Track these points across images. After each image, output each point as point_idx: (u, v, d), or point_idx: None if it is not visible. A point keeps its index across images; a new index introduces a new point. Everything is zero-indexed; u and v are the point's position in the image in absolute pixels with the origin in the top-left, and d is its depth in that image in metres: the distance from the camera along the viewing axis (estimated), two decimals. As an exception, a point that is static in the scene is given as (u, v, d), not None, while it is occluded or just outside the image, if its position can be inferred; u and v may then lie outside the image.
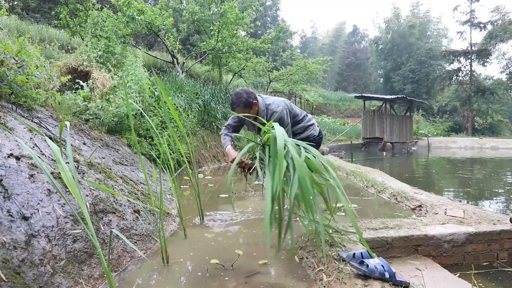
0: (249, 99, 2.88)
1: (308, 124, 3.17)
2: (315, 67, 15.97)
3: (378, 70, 39.74)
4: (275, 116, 2.86)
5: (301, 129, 3.13)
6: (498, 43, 27.81)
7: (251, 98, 2.90)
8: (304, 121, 3.15)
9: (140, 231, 2.64)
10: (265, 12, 34.74)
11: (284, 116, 2.92)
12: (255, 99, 2.93)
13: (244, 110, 2.90)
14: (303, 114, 3.22)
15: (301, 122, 3.14)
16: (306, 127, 3.15)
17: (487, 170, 9.65)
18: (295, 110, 3.13)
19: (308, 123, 3.17)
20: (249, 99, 2.88)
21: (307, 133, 3.13)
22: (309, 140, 2.97)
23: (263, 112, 2.95)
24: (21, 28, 11.30)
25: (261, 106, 2.96)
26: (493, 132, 28.99)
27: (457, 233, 2.55)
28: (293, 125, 3.08)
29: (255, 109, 2.95)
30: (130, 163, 4.31)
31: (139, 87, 5.73)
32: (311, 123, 3.19)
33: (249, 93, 2.91)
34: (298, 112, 3.14)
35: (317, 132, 3.22)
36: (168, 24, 10.20)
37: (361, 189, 5.22)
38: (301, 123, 3.13)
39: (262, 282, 2.04)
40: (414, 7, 37.07)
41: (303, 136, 3.08)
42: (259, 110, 2.97)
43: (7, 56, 3.34)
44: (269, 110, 2.94)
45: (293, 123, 3.08)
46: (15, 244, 1.63)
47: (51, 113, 4.02)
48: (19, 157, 2.17)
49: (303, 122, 3.15)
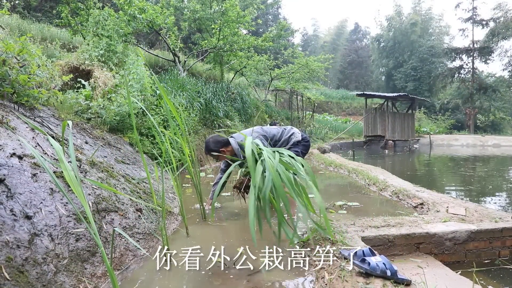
0: (214, 148, 3.27)
1: (288, 135, 3.49)
2: (316, 65, 15.94)
3: (380, 68, 39.63)
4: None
5: (285, 143, 3.46)
6: (500, 40, 27.69)
7: (217, 146, 3.28)
8: (284, 136, 3.48)
9: (143, 230, 2.65)
10: (267, 10, 34.68)
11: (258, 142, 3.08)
12: (223, 146, 3.30)
13: (216, 158, 3.35)
14: (281, 130, 3.54)
15: (281, 138, 3.47)
16: (288, 138, 3.48)
17: (489, 167, 9.63)
18: (271, 132, 3.46)
19: (287, 135, 3.49)
20: (215, 148, 3.27)
21: (290, 143, 3.46)
22: (294, 145, 3.41)
23: (237, 150, 3.29)
24: (23, 27, 11.30)
25: (234, 146, 3.31)
26: (495, 130, 28.91)
27: (458, 231, 2.55)
28: (275, 144, 3.40)
29: (228, 152, 3.31)
30: (132, 162, 4.32)
31: (140, 86, 5.73)
32: (290, 134, 3.50)
33: (216, 142, 3.30)
34: (274, 133, 3.47)
35: (300, 137, 3.51)
36: (170, 22, 10.20)
37: (363, 187, 5.22)
38: (281, 139, 3.46)
39: (264, 280, 2.05)
40: (416, 4, 36.93)
41: (290, 146, 3.42)
42: (233, 150, 3.32)
43: (9, 56, 3.35)
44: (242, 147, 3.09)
45: (274, 142, 3.41)
46: (18, 243, 1.64)
47: (53, 112, 4.04)
48: (22, 156, 2.18)
49: (284, 137, 3.48)
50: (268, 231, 2.65)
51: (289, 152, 2.64)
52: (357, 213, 3.60)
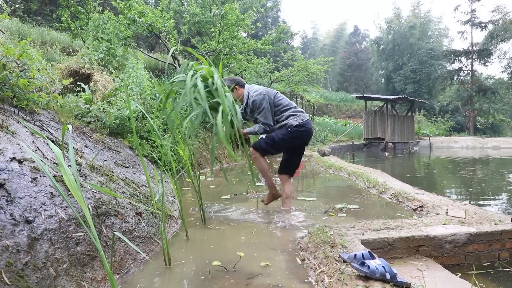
0: (229, 84, 3.54)
1: (290, 114, 3.55)
2: (316, 67, 15.95)
3: (380, 70, 39.68)
4: (251, 100, 3.51)
5: (284, 117, 3.55)
6: (499, 42, 27.80)
7: (231, 83, 3.58)
8: (288, 112, 3.56)
9: (142, 233, 2.66)
10: (266, 13, 34.72)
11: (259, 100, 3.46)
12: (238, 85, 3.62)
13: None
14: (290, 106, 3.61)
15: (286, 111, 3.56)
16: (288, 116, 3.54)
17: (489, 169, 9.64)
18: (281, 101, 3.58)
19: (290, 113, 3.56)
20: (229, 84, 3.54)
21: (285, 121, 3.53)
22: (285, 127, 3.51)
23: (246, 97, 3.58)
24: (23, 31, 11.33)
25: (245, 92, 3.60)
26: (495, 132, 28.97)
27: (458, 234, 2.55)
28: (276, 113, 3.55)
29: (237, 93, 3.60)
30: (132, 165, 4.32)
31: (140, 89, 5.75)
32: (291, 114, 3.55)
33: (230, 80, 3.64)
34: (282, 103, 3.58)
35: (296, 123, 3.51)
36: (169, 26, 10.22)
37: (363, 189, 5.23)
38: (285, 112, 3.55)
39: (264, 284, 2.05)
40: (415, 7, 37.03)
41: (282, 124, 3.53)
42: (243, 95, 3.60)
43: (9, 60, 3.36)
44: (250, 96, 3.55)
45: (276, 111, 3.56)
46: (18, 248, 1.64)
47: (53, 116, 4.04)
48: (22, 161, 2.19)
49: (288, 111, 3.56)
50: (268, 234, 2.64)
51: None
52: (356, 216, 3.60)
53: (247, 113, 3.63)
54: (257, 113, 3.49)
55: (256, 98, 3.45)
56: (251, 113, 3.59)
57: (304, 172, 7.78)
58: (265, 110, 3.45)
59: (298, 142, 3.64)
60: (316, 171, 7.79)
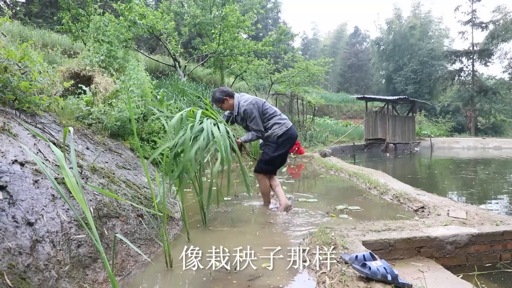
0: (219, 95, 3.76)
1: (274, 122, 3.82)
2: (316, 68, 15.94)
3: (380, 71, 39.65)
4: (242, 109, 3.71)
5: (269, 124, 3.82)
6: (500, 42, 27.71)
7: (222, 95, 3.75)
8: (273, 119, 3.82)
9: (144, 235, 2.66)
10: (266, 15, 34.81)
11: (250, 110, 3.68)
12: (227, 96, 3.76)
13: (218, 104, 3.82)
14: (275, 114, 3.86)
15: (271, 119, 3.82)
16: (272, 124, 3.81)
17: (491, 170, 9.62)
18: (267, 109, 3.83)
19: (275, 121, 3.82)
20: (219, 96, 3.75)
21: (270, 131, 3.81)
22: (270, 138, 3.82)
23: (236, 106, 3.76)
24: (24, 33, 11.36)
25: (235, 101, 3.77)
26: (496, 132, 28.89)
27: (459, 234, 2.55)
28: (264, 120, 3.80)
29: (228, 103, 3.77)
30: (133, 167, 4.33)
31: (141, 91, 5.75)
32: (276, 122, 3.82)
33: (221, 92, 3.79)
34: (269, 111, 3.83)
35: (281, 132, 3.80)
36: (170, 27, 10.26)
37: (364, 190, 5.22)
38: (271, 120, 3.82)
39: (265, 285, 2.05)
40: (415, 7, 36.99)
41: (268, 134, 3.82)
42: (234, 105, 3.77)
43: (10, 63, 3.37)
44: (240, 105, 3.73)
45: (264, 119, 3.81)
46: (20, 250, 1.65)
47: (54, 118, 4.05)
48: (24, 163, 2.19)
49: (272, 120, 3.82)
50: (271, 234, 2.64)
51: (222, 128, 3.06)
52: (358, 217, 3.60)
53: (237, 120, 3.89)
54: (249, 121, 3.75)
55: (247, 107, 3.69)
56: (241, 120, 3.83)
57: (305, 173, 7.78)
58: (256, 118, 3.73)
59: (287, 148, 3.90)
60: (317, 172, 7.79)
